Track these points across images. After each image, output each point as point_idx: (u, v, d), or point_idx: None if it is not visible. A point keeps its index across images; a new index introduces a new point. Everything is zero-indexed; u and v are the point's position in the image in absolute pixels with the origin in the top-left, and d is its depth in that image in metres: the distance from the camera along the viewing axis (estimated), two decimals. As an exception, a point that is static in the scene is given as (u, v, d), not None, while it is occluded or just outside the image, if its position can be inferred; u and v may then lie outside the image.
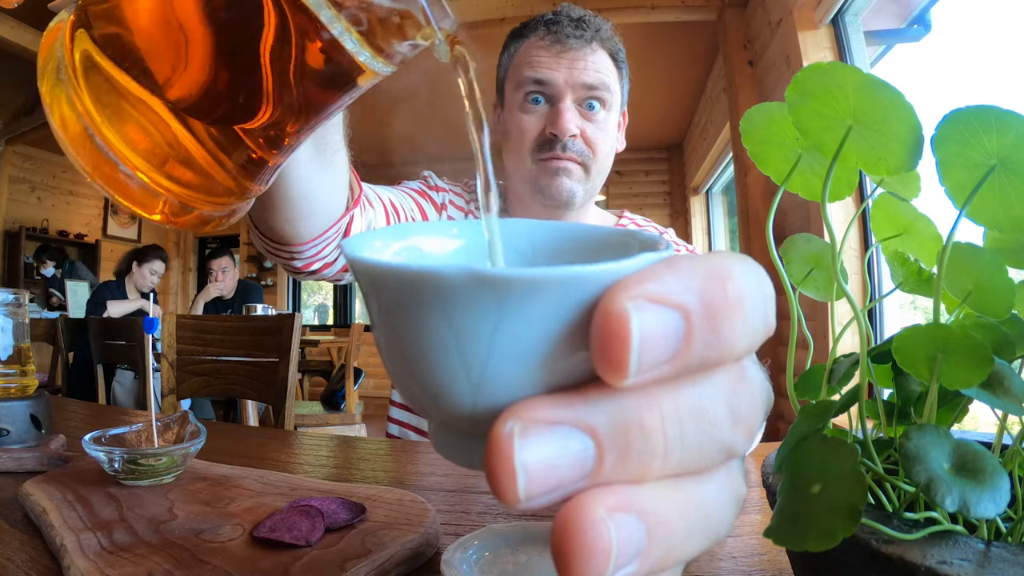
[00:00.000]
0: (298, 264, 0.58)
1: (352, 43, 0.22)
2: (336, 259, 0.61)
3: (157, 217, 0.23)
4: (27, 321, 0.68)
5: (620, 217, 0.87)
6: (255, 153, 0.24)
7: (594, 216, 0.84)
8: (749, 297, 0.12)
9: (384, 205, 0.68)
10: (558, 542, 0.11)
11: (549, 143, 0.72)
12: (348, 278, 0.67)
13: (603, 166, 0.76)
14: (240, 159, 0.24)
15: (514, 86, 0.75)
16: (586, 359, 0.13)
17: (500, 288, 0.12)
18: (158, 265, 3.15)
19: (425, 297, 0.13)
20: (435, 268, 0.12)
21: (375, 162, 5.42)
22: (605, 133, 0.74)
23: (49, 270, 4.75)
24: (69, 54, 0.21)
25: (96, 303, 2.98)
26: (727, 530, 0.14)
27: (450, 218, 0.80)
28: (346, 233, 0.59)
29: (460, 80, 0.23)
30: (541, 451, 0.11)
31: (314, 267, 0.60)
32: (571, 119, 0.71)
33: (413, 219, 0.73)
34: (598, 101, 0.73)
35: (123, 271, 3.15)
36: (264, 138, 0.24)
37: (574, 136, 0.72)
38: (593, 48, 0.72)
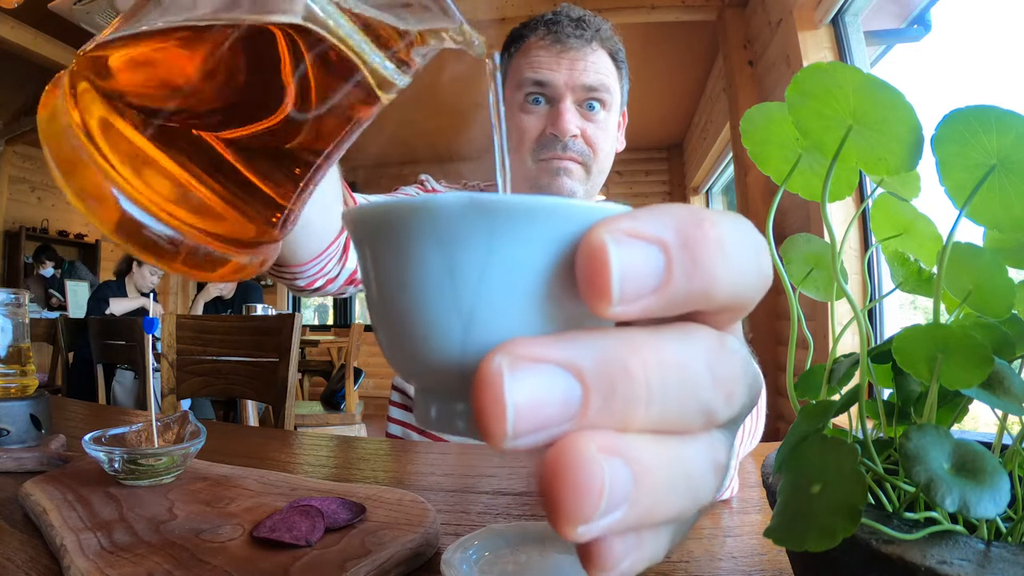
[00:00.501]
0: (301, 283, 0.58)
1: (377, 58, 0.22)
2: (338, 274, 0.61)
3: (184, 268, 0.22)
4: (27, 321, 0.68)
5: None
6: (288, 187, 0.23)
7: None
8: (731, 240, 0.13)
9: None
10: (548, 482, 0.11)
11: (549, 143, 0.72)
12: (351, 291, 0.67)
13: (603, 166, 0.76)
14: (273, 194, 0.23)
15: (514, 87, 0.75)
16: (572, 308, 0.14)
17: (492, 212, 0.13)
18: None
19: (421, 226, 0.13)
20: (430, 197, 0.13)
21: (376, 162, 5.43)
22: (605, 133, 0.74)
23: (48, 270, 4.75)
24: (80, 123, 0.20)
25: (98, 300, 2.98)
26: (708, 497, 0.14)
27: None
28: (345, 249, 0.58)
29: (489, 75, 0.23)
30: (529, 387, 0.11)
31: (317, 284, 0.60)
32: (571, 119, 0.71)
33: None
34: (598, 102, 0.73)
35: (123, 271, 3.16)
36: (297, 167, 0.23)
37: (575, 136, 0.72)
38: (593, 48, 0.72)
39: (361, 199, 0.64)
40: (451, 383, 0.15)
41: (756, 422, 0.52)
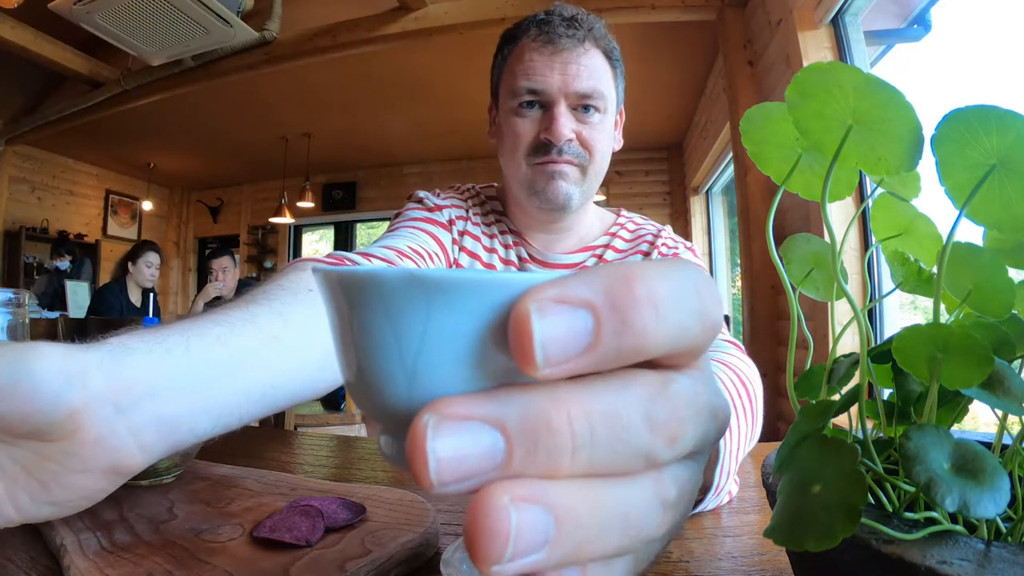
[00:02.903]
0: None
1: None
2: None
3: None
4: (27, 321, 0.68)
5: (618, 215, 0.87)
6: None
7: (592, 215, 0.84)
8: (664, 294, 0.14)
9: (398, 261, 0.64)
10: (466, 526, 0.12)
11: (544, 147, 0.71)
12: None
13: (599, 167, 0.75)
14: None
15: (508, 92, 0.74)
16: (508, 363, 0.15)
17: (428, 286, 0.14)
18: (152, 257, 3.14)
19: (371, 296, 0.15)
20: (377, 272, 0.15)
21: (376, 163, 5.43)
22: (601, 134, 0.73)
23: (64, 263, 4.77)
24: None
25: (100, 303, 2.99)
26: (654, 533, 0.15)
27: (464, 233, 0.79)
28: None
29: None
30: (452, 443, 0.13)
31: None
32: (565, 124, 0.70)
33: (433, 253, 0.71)
34: (592, 107, 0.72)
35: (121, 275, 3.16)
36: None
37: (569, 140, 0.71)
38: (586, 48, 0.71)
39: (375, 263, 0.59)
40: (401, 427, 0.16)
41: (753, 424, 0.52)
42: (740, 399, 0.50)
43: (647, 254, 0.80)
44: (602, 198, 4.17)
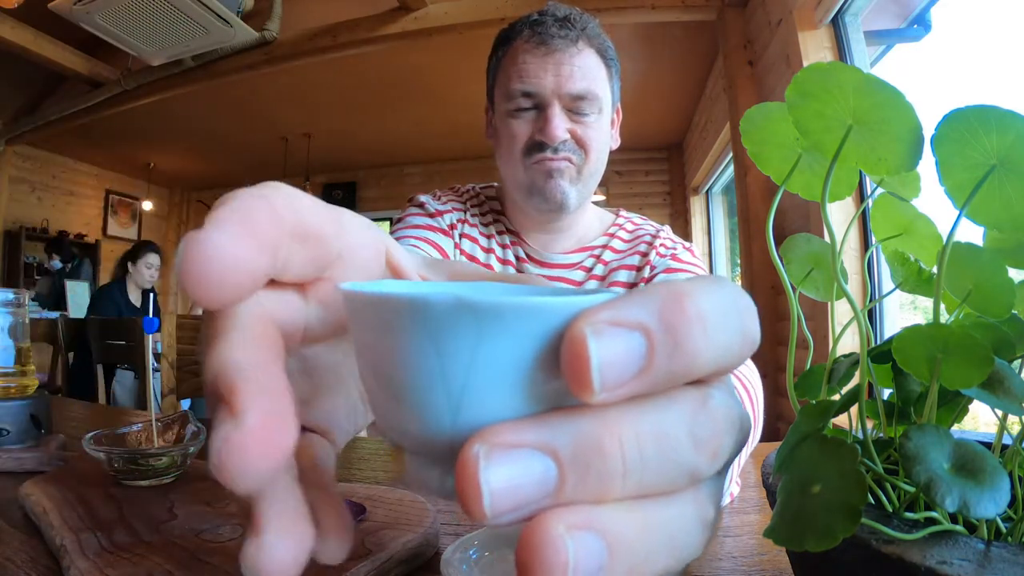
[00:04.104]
0: None
1: None
2: None
3: None
4: (27, 321, 0.68)
5: (617, 215, 0.86)
6: None
7: (591, 215, 0.84)
8: (713, 313, 0.14)
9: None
10: (521, 557, 0.12)
11: (539, 146, 0.71)
12: None
13: (595, 166, 0.75)
14: None
15: (503, 94, 0.74)
16: (556, 386, 0.14)
17: (479, 312, 0.14)
18: (152, 258, 3.15)
19: (414, 322, 0.14)
20: (423, 297, 0.14)
21: (377, 163, 5.42)
22: (596, 133, 0.73)
23: (56, 263, 4.76)
24: None
25: (100, 303, 2.98)
26: (696, 552, 0.14)
27: (463, 236, 0.79)
28: None
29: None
30: (505, 472, 0.12)
31: None
32: (559, 125, 0.70)
33: None
34: (586, 107, 0.72)
35: (120, 275, 3.16)
36: None
37: (564, 140, 0.71)
38: (579, 48, 0.71)
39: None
40: (442, 458, 0.16)
41: (754, 425, 0.52)
42: (743, 401, 0.50)
43: (645, 254, 0.79)
44: (602, 198, 4.17)
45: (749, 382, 0.54)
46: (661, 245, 0.80)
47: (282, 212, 0.16)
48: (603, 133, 0.75)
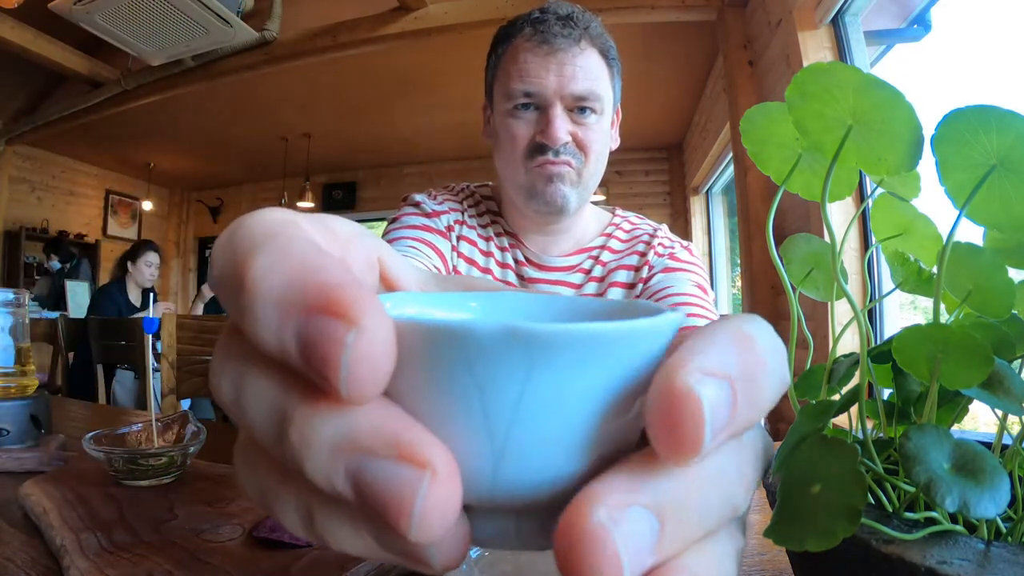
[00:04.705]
0: None
1: None
2: None
3: None
4: (27, 321, 0.68)
5: (613, 214, 0.86)
6: None
7: (588, 215, 0.83)
8: (772, 356, 0.13)
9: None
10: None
11: (540, 149, 0.70)
12: None
13: (595, 168, 0.74)
14: None
15: (503, 94, 0.72)
16: (613, 426, 0.13)
17: (532, 343, 0.12)
18: (152, 256, 3.14)
19: (453, 353, 0.12)
20: (465, 322, 0.12)
21: (377, 163, 5.42)
22: (597, 135, 0.72)
23: (55, 263, 4.76)
24: None
25: (100, 303, 2.99)
26: None
27: (460, 238, 0.77)
28: None
29: None
30: (627, 534, 0.12)
31: None
32: (561, 127, 0.69)
33: (436, 268, 0.70)
34: (588, 108, 0.71)
35: (120, 275, 3.16)
36: None
37: (565, 143, 0.70)
38: (582, 47, 0.70)
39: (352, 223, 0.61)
40: (481, 503, 0.14)
41: None
42: None
43: (643, 254, 0.79)
44: (601, 198, 4.17)
45: None
46: (659, 244, 0.79)
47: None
48: (604, 135, 0.74)
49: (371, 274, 0.19)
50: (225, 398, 0.14)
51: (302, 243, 0.13)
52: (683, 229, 4.48)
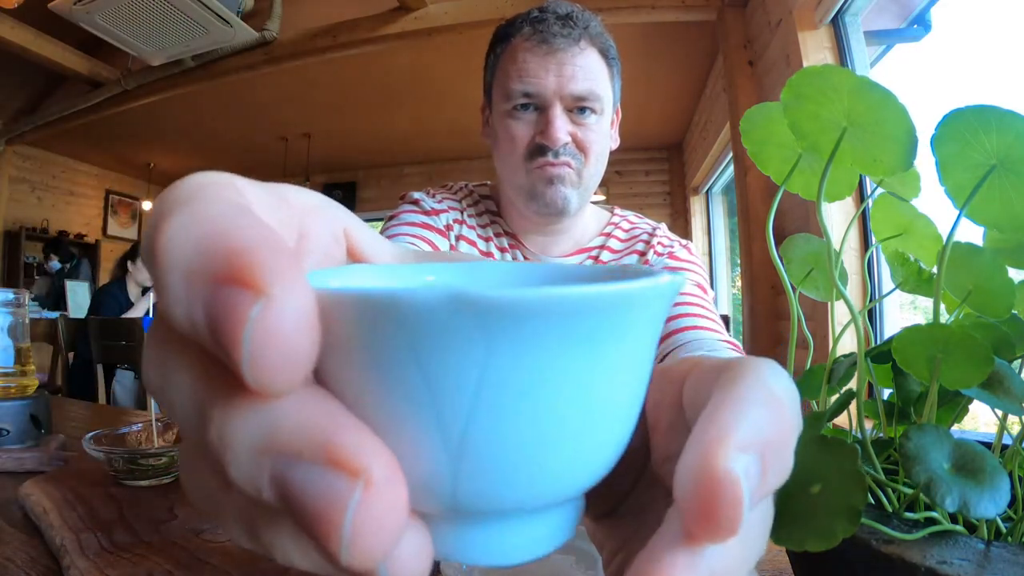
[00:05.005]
0: None
1: None
2: None
3: None
4: (27, 321, 0.68)
5: (612, 213, 0.86)
6: None
7: (588, 215, 0.82)
8: (797, 417, 0.13)
9: None
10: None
11: (540, 150, 0.70)
12: None
13: (595, 169, 0.73)
14: None
15: (502, 94, 0.72)
16: (608, 408, 0.12)
17: (489, 314, 0.09)
18: None
19: (389, 329, 0.10)
20: (402, 290, 0.10)
21: (377, 163, 5.43)
22: (597, 135, 0.72)
23: (55, 263, 4.76)
24: None
25: (100, 302, 2.99)
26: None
27: (460, 237, 0.77)
28: None
29: None
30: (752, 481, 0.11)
31: None
32: (561, 127, 0.69)
33: None
34: (588, 109, 0.70)
35: (120, 275, 3.16)
36: None
37: (565, 144, 0.69)
38: (582, 47, 0.69)
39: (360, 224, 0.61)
40: (439, 515, 0.12)
41: None
42: None
43: (643, 253, 0.79)
44: (601, 198, 4.17)
45: None
46: (658, 243, 0.79)
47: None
48: (603, 136, 0.73)
49: (336, 248, 0.17)
50: (154, 390, 0.12)
51: (222, 204, 0.11)
52: (683, 229, 4.48)
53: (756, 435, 0.11)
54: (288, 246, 0.11)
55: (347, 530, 0.10)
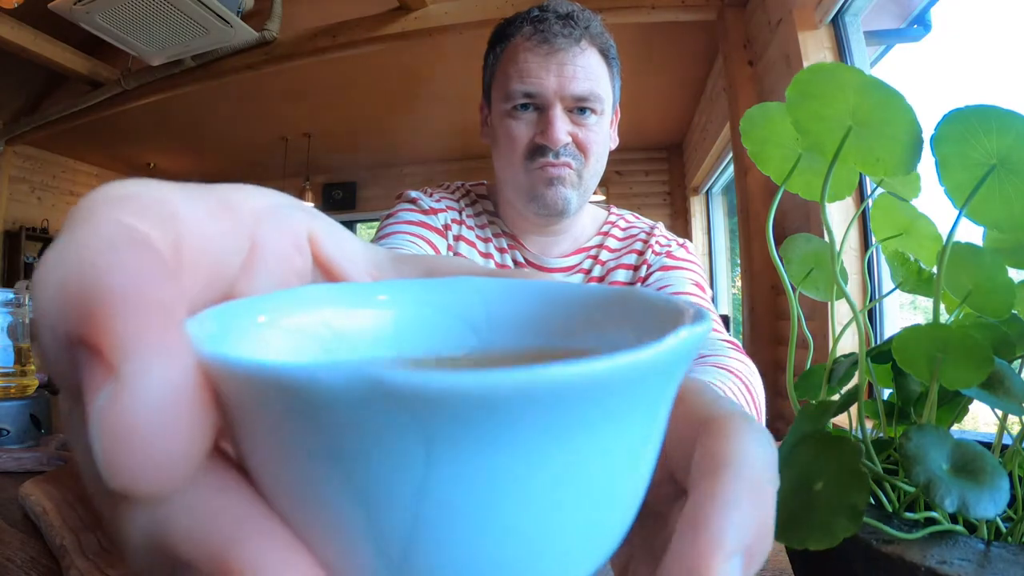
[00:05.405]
0: None
1: None
2: None
3: None
4: (27, 321, 0.68)
5: (608, 212, 0.86)
6: None
7: (585, 214, 0.82)
8: (775, 482, 0.13)
9: None
10: None
11: (540, 150, 0.70)
12: None
13: (595, 169, 0.73)
14: None
15: (502, 94, 0.71)
16: (593, 514, 0.09)
17: (423, 409, 0.07)
18: None
19: (296, 422, 0.08)
20: (302, 369, 0.07)
21: (376, 163, 5.43)
22: (597, 136, 0.72)
23: None
24: None
25: None
26: None
27: (459, 238, 0.76)
28: None
29: None
30: None
31: None
32: (561, 128, 0.68)
33: None
34: (589, 109, 0.70)
35: None
36: None
37: (565, 144, 0.69)
38: (582, 47, 0.69)
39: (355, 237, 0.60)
40: None
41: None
42: (747, 406, 0.50)
43: (641, 252, 0.79)
44: (601, 198, 4.16)
45: (752, 386, 0.54)
46: (656, 242, 0.79)
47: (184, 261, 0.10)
48: (603, 136, 0.73)
49: (299, 257, 0.14)
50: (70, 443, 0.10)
51: (103, 233, 0.09)
52: (683, 229, 4.48)
53: (743, 538, 0.12)
54: (168, 293, 0.09)
55: None
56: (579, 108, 0.70)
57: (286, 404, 0.08)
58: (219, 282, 0.12)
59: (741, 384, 0.52)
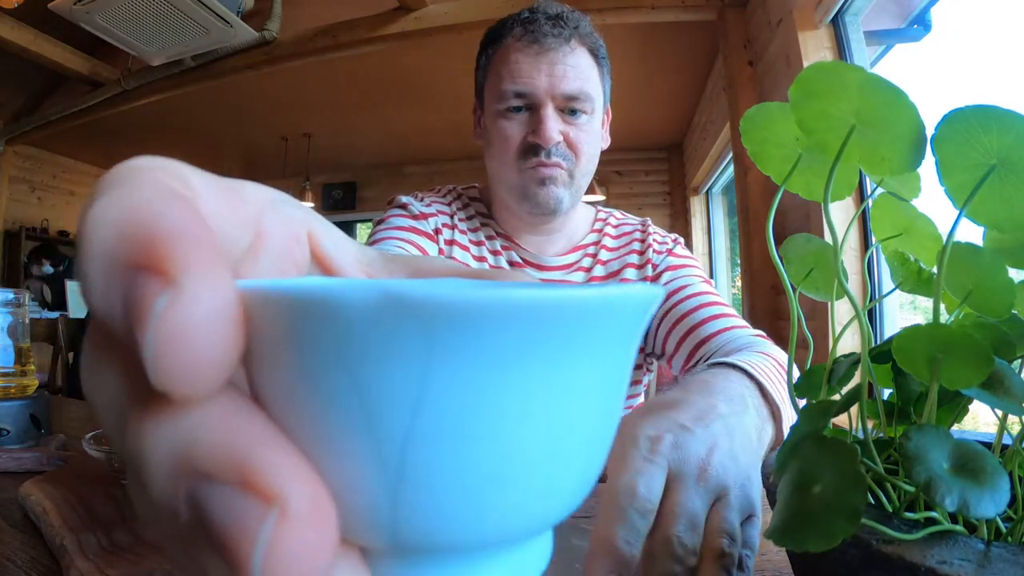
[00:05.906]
0: None
1: None
2: None
3: None
4: (27, 321, 0.68)
5: (597, 209, 0.87)
6: None
7: (578, 213, 0.83)
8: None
9: None
10: None
11: (532, 150, 0.70)
12: None
13: (587, 168, 0.74)
14: None
15: (494, 95, 0.72)
16: (570, 437, 0.10)
17: (428, 317, 0.08)
18: None
19: (315, 332, 0.09)
20: (329, 287, 0.09)
21: (375, 163, 5.43)
22: (588, 135, 0.73)
23: (48, 268, 4.76)
24: None
25: None
26: None
27: (447, 242, 0.77)
28: None
29: None
30: None
31: None
32: (552, 127, 0.69)
33: None
34: (580, 109, 0.71)
35: None
36: None
37: (557, 143, 0.70)
38: (572, 47, 0.70)
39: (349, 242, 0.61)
40: (378, 550, 0.11)
41: (783, 400, 0.49)
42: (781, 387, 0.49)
43: (642, 252, 0.79)
44: (602, 198, 4.16)
45: (777, 360, 0.53)
46: (655, 241, 0.80)
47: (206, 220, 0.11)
48: (595, 135, 0.74)
49: (298, 249, 0.16)
50: (86, 392, 0.11)
51: (153, 189, 0.10)
52: (683, 229, 4.48)
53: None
54: (213, 238, 0.10)
55: (258, 564, 0.09)
56: (570, 109, 0.71)
57: (316, 318, 0.09)
58: (227, 250, 0.13)
59: (767, 358, 0.52)
